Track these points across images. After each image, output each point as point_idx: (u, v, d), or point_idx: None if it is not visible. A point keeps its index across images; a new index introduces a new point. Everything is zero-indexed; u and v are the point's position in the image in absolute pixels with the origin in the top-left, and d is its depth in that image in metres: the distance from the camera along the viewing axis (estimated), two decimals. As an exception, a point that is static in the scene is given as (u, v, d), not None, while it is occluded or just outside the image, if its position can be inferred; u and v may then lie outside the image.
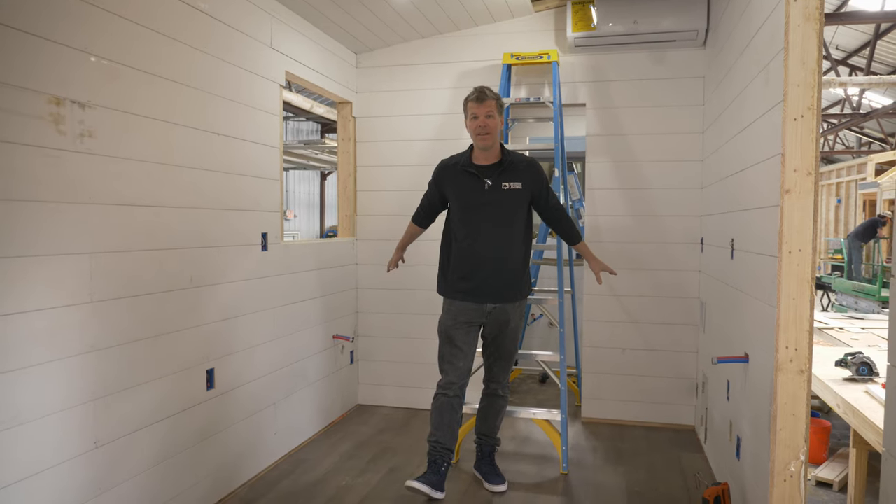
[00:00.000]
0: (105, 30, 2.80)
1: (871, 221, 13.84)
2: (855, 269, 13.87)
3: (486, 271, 3.72)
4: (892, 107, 14.73)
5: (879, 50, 14.30)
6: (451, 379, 3.80)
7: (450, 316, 3.83)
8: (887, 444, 1.78)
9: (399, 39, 5.23)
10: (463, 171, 3.77)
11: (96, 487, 2.81)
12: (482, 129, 3.66)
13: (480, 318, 3.81)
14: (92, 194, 2.75)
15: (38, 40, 2.49)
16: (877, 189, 15.41)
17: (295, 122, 20.59)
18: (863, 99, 16.35)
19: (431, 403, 3.85)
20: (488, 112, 3.66)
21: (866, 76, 12.91)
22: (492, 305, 3.76)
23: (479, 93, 3.71)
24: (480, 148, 3.74)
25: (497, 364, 3.95)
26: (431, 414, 3.84)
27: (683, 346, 5.00)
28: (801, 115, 2.63)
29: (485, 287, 3.74)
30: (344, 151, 5.45)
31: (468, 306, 3.77)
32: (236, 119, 3.78)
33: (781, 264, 2.66)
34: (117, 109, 2.88)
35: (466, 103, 3.74)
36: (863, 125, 19.80)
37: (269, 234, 4.12)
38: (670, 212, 4.97)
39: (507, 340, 3.88)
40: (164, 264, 3.20)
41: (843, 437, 4.77)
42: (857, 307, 11.82)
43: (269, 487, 3.88)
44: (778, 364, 2.68)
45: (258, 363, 4.03)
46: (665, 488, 3.93)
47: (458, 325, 3.80)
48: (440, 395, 3.81)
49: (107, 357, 2.85)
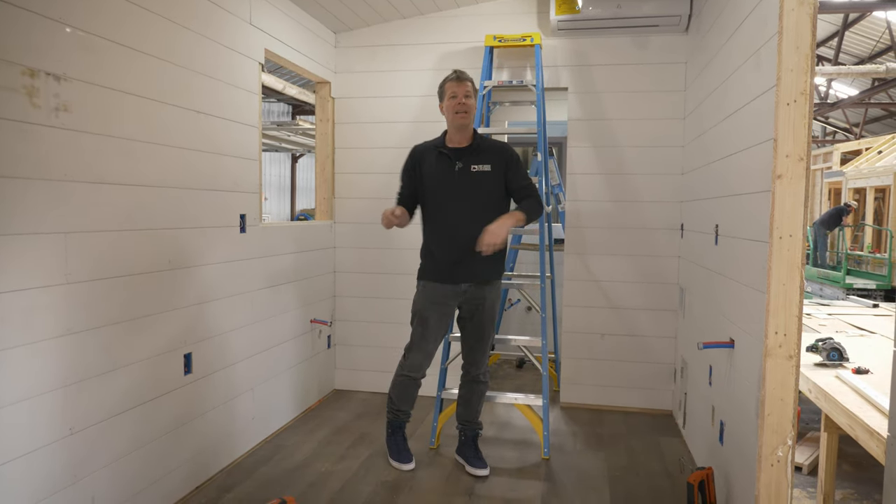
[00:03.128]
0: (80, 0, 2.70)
1: (837, 210, 14.08)
2: (820, 256, 14.11)
3: (457, 252, 3.70)
4: (859, 97, 14.93)
5: (847, 41, 14.47)
6: (419, 362, 3.87)
7: (424, 297, 3.83)
8: (893, 428, 1.77)
9: (379, 19, 5.14)
10: (436, 153, 3.77)
11: (71, 475, 2.72)
12: (461, 108, 3.67)
13: (455, 300, 3.81)
14: (67, 171, 2.65)
15: (10, 7, 2.37)
16: (842, 178, 15.66)
17: (266, 103, 20.30)
18: (830, 89, 16.55)
19: (393, 383, 3.97)
20: (466, 92, 3.69)
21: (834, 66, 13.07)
22: (466, 286, 3.76)
23: (458, 73, 3.75)
24: (457, 127, 3.73)
25: (477, 347, 3.93)
26: (395, 390, 3.96)
27: (662, 332, 5.01)
28: (794, 99, 2.61)
29: (459, 268, 3.73)
30: (322, 133, 5.36)
31: (442, 288, 3.78)
32: (216, 97, 3.69)
33: (772, 250, 2.65)
34: (94, 83, 2.78)
35: (444, 84, 3.76)
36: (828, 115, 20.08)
37: (248, 215, 4.03)
38: (651, 197, 4.96)
39: (486, 320, 3.87)
40: (142, 245, 3.10)
41: (810, 421, 4.83)
42: (822, 294, 12.01)
43: (247, 474, 3.82)
44: (767, 349, 2.68)
45: (236, 347, 3.95)
46: (646, 473, 3.94)
47: (432, 307, 3.80)
48: (405, 378, 3.92)
49: (82, 340, 2.76)
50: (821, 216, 14.67)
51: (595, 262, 5.08)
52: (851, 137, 20.08)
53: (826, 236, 14.21)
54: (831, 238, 14.64)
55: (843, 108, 16.07)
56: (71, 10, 2.65)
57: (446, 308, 3.82)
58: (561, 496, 3.62)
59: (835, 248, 14.68)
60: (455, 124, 3.73)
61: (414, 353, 3.87)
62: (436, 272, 3.79)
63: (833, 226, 13.95)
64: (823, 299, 10.06)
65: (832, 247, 14.77)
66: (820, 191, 17.29)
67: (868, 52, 15.32)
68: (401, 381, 3.94)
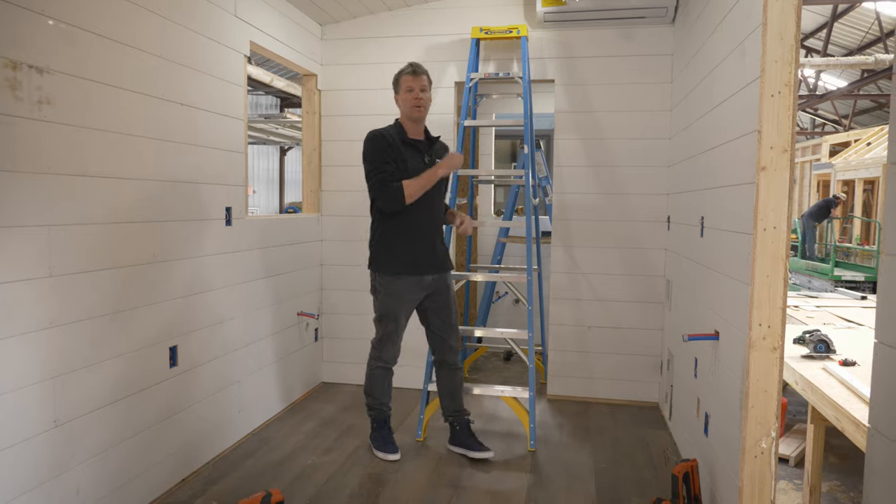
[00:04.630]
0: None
1: (826, 202, 14.11)
2: (809, 248, 14.14)
3: (428, 243, 3.87)
4: (847, 88, 14.97)
5: (836, 32, 14.50)
6: (394, 353, 4.00)
7: (393, 295, 3.86)
8: (872, 418, 1.78)
9: (365, 11, 5.12)
10: (403, 144, 3.82)
11: (56, 467, 2.72)
12: (418, 102, 3.79)
13: (421, 293, 3.90)
14: (50, 164, 2.64)
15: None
16: (831, 170, 15.71)
17: (254, 95, 20.22)
18: (819, 81, 16.59)
19: (369, 376, 4.04)
20: (422, 86, 3.81)
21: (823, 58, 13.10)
22: (430, 277, 3.87)
23: (414, 67, 3.83)
24: (414, 120, 3.85)
25: (452, 332, 4.01)
26: (372, 384, 4.03)
27: (649, 324, 5.02)
28: (778, 91, 2.61)
29: (431, 258, 3.88)
30: (308, 125, 5.34)
31: (411, 281, 3.84)
32: (201, 89, 3.67)
33: (756, 241, 2.65)
34: (77, 76, 2.76)
35: (400, 77, 3.85)
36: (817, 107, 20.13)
37: (234, 208, 4.02)
38: (637, 190, 4.97)
39: (452, 305, 4.00)
40: (127, 238, 3.09)
41: (798, 413, 4.86)
42: (810, 286, 12.05)
43: (233, 466, 3.81)
44: (751, 341, 2.68)
45: (222, 340, 3.94)
46: (632, 465, 3.95)
47: (404, 304, 3.88)
48: (381, 368, 4.01)
49: (66, 333, 2.75)
50: (809, 208, 14.70)
51: (582, 255, 5.08)
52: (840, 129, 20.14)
53: (815, 228, 14.24)
54: (820, 230, 14.68)
55: (832, 99, 16.09)
56: (53, 2, 2.63)
57: (414, 302, 3.92)
58: (546, 488, 3.63)
59: (823, 240, 14.72)
60: (412, 117, 3.84)
61: (388, 346, 3.96)
62: (412, 264, 3.83)
63: (822, 218, 13.98)
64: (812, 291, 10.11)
65: (821, 239, 14.82)
66: (809, 183, 17.35)
67: (857, 44, 15.35)
68: (377, 372, 4.01)
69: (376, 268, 3.89)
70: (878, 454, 1.77)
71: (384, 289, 3.87)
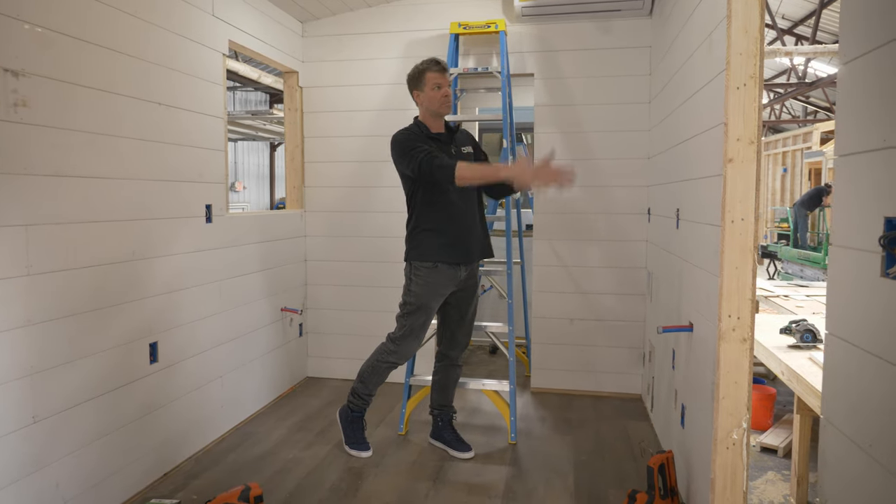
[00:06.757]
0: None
1: (817, 190, 14.11)
2: (801, 237, 14.15)
3: (471, 233, 3.78)
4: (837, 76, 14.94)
5: (825, 19, 14.50)
6: (413, 350, 3.89)
7: (429, 285, 3.74)
8: (825, 411, 1.81)
9: (345, 7, 5.12)
10: (431, 139, 3.74)
11: (35, 463, 2.75)
12: (448, 100, 3.73)
13: (452, 288, 3.81)
14: (27, 165, 2.67)
15: (-42, 4, 2.38)
16: (822, 158, 15.70)
17: (243, 91, 20.19)
18: (808, 68, 16.58)
19: (374, 367, 3.92)
20: (449, 82, 3.76)
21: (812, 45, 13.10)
22: (464, 272, 3.81)
23: (441, 64, 3.74)
24: (438, 116, 3.78)
25: (463, 331, 3.98)
26: (372, 375, 3.93)
27: (631, 316, 5.05)
28: (743, 83, 2.63)
29: (472, 248, 3.79)
30: (291, 122, 5.36)
31: (448, 274, 3.74)
32: (179, 89, 3.68)
33: (724, 234, 2.67)
34: (53, 78, 2.79)
35: (425, 73, 3.71)
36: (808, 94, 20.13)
37: (214, 205, 4.03)
38: (618, 182, 4.99)
39: (476, 303, 3.99)
40: (105, 237, 3.12)
41: (788, 404, 4.88)
42: (802, 275, 12.09)
43: (215, 461, 3.84)
44: (721, 333, 2.70)
45: (204, 336, 3.96)
46: (612, 457, 3.98)
47: (437, 297, 3.78)
48: (391, 365, 3.89)
49: (45, 331, 2.78)
50: (801, 197, 14.70)
51: (564, 248, 5.10)
52: (833, 117, 20.14)
53: (806, 217, 14.25)
54: (812, 219, 14.69)
55: (823, 87, 16.03)
56: (26, 7, 2.66)
57: (444, 297, 3.82)
58: (524, 480, 3.66)
59: (815, 228, 14.73)
60: (440, 113, 3.77)
61: (410, 341, 3.83)
62: (452, 252, 3.72)
63: (813, 206, 13.98)
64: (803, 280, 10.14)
65: (813, 227, 14.83)
66: (800, 171, 17.35)
67: (846, 32, 15.30)
68: (384, 367, 3.90)
69: (415, 256, 3.75)
70: (830, 447, 1.79)
71: (421, 279, 3.74)
